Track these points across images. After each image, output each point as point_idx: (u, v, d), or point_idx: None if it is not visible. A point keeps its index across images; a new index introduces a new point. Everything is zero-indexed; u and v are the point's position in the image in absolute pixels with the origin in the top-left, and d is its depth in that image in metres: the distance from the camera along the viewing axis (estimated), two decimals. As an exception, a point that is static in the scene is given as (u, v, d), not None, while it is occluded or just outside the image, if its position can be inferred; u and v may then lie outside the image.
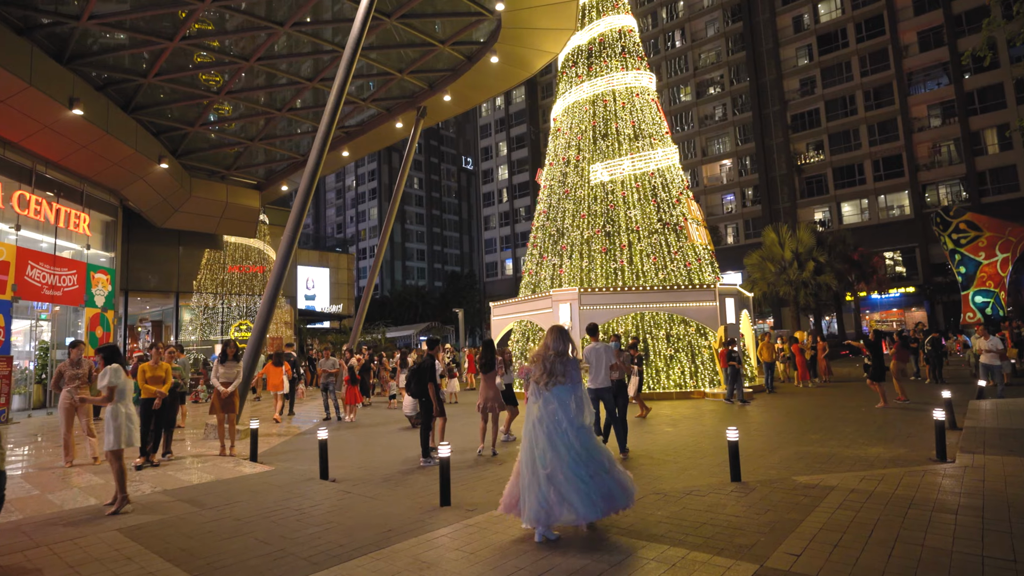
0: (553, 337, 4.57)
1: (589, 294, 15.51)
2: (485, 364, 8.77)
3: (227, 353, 8.07)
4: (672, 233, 16.81)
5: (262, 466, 7.31)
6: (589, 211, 17.23)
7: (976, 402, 10.25)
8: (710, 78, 55.30)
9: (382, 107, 19.18)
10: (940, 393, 8.67)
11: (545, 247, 18.00)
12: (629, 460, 7.22)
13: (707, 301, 15.45)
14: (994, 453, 6.26)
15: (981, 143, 40.37)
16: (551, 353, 4.45)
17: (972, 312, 23.76)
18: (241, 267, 29.75)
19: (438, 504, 5.24)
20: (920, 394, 13.41)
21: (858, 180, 45.06)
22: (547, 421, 4.30)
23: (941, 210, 24.82)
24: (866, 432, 8.66)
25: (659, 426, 10.08)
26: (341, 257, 38.56)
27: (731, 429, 5.77)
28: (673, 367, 15.36)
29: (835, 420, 9.97)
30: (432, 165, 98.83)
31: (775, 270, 26.19)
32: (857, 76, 45.39)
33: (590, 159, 17.79)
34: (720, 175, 54.52)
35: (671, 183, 17.57)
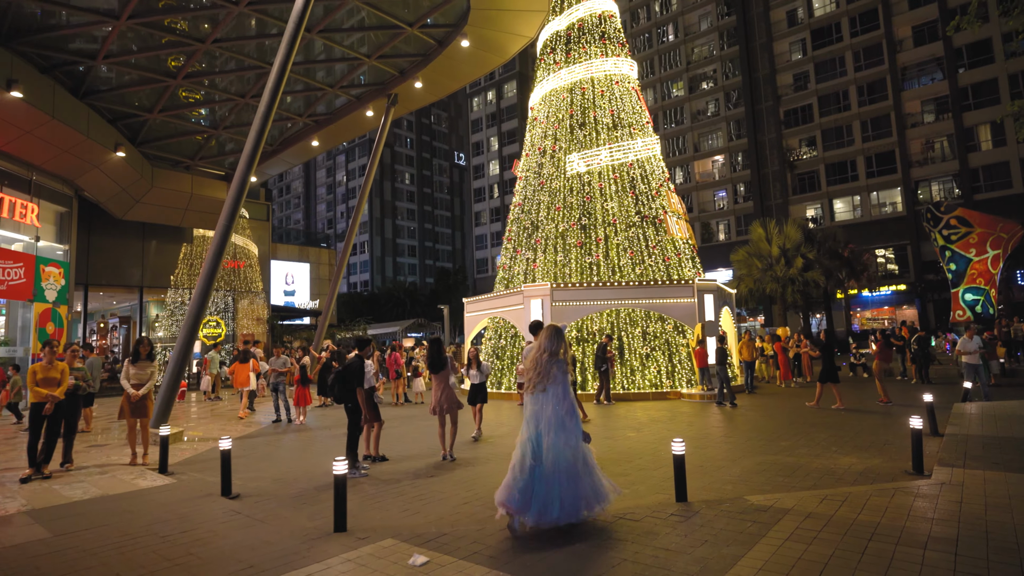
0: (547, 337, 4.57)
1: (562, 290, 14.79)
2: (433, 363, 8.04)
3: (139, 352, 7.31)
4: (651, 227, 16.10)
5: (165, 478, 6.57)
6: (565, 203, 16.50)
7: (961, 405, 9.60)
8: (703, 73, 54.62)
9: (351, 94, 18.38)
10: (924, 396, 8.00)
11: (519, 241, 17.28)
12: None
13: (685, 297, 14.76)
14: (975, 466, 5.58)
15: (975, 139, 39.86)
16: (545, 355, 4.46)
17: (962, 310, 23.12)
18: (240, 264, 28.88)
19: (332, 530, 4.51)
20: (905, 395, 12.76)
21: (851, 176, 44.51)
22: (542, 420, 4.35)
23: (932, 206, 24.19)
24: (840, 439, 7.98)
25: (622, 430, 9.38)
26: (323, 252, 37.69)
27: (677, 441, 5.06)
28: (649, 366, 14.67)
29: (810, 424, 9.29)
30: (424, 160, 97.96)
31: (761, 266, 25.52)
32: (851, 71, 44.79)
33: (567, 149, 17.06)
34: (712, 171, 53.91)
35: (651, 174, 16.86)
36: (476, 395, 9.99)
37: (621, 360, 14.74)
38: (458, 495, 5.64)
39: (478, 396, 9.99)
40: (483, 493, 5.68)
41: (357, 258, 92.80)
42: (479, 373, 10.32)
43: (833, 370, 11.48)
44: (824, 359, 11.69)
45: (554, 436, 4.30)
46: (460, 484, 6.11)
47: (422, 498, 5.57)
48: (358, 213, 17.72)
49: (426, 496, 5.65)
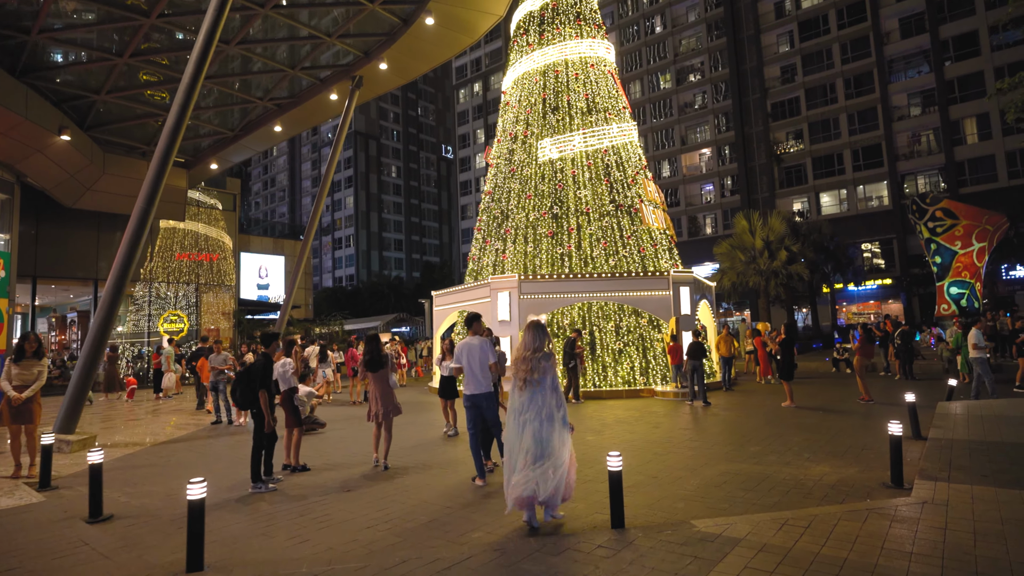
0: (531, 334, 4.65)
1: (530, 282, 14.00)
2: (369, 362, 7.22)
3: (24, 349, 6.42)
4: (626, 216, 15.34)
5: (38, 495, 5.70)
6: (536, 191, 15.69)
7: (945, 405, 8.93)
8: (690, 65, 53.99)
9: (315, 77, 17.42)
10: (907, 395, 7.30)
11: (489, 231, 16.45)
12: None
13: (660, 290, 14.02)
14: (961, 480, 4.86)
15: (960, 132, 39.57)
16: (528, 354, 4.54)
17: (947, 304, 22.61)
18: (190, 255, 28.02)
19: (184, 569, 3.69)
20: (887, 393, 12.11)
21: (837, 170, 44.13)
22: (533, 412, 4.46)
23: (917, 197, 23.65)
24: (815, 443, 7.26)
25: (581, 433, 8.61)
26: (297, 245, 36.56)
27: (613, 455, 4.27)
28: (622, 362, 13.93)
29: (786, 426, 8.58)
30: (411, 153, 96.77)
31: (745, 259, 24.87)
32: (838, 63, 44.35)
33: (539, 134, 16.23)
34: (699, 164, 53.35)
35: (626, 161, 16.07)
36: (447, 389, 9.21)
37: (593, 356, 13.99)
38: (366, 516, 4.84)
39: (448, 390, 9.22)
40: (397, 513, 4.89)
41: (343, 252, 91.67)
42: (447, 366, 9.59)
43: (790, 367, 10.87)
44: (783, 355, 11.06)
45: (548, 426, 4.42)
46: (376, 502, 5.31)
47: (323, 520, 4.76)
48: (320, 199, 16.78)
49: (329, 518, 4.84)
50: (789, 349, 11.12)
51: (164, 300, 27.79)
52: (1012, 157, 37.18)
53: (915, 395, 7.40)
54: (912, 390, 12.25)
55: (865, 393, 11.05)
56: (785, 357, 11.03)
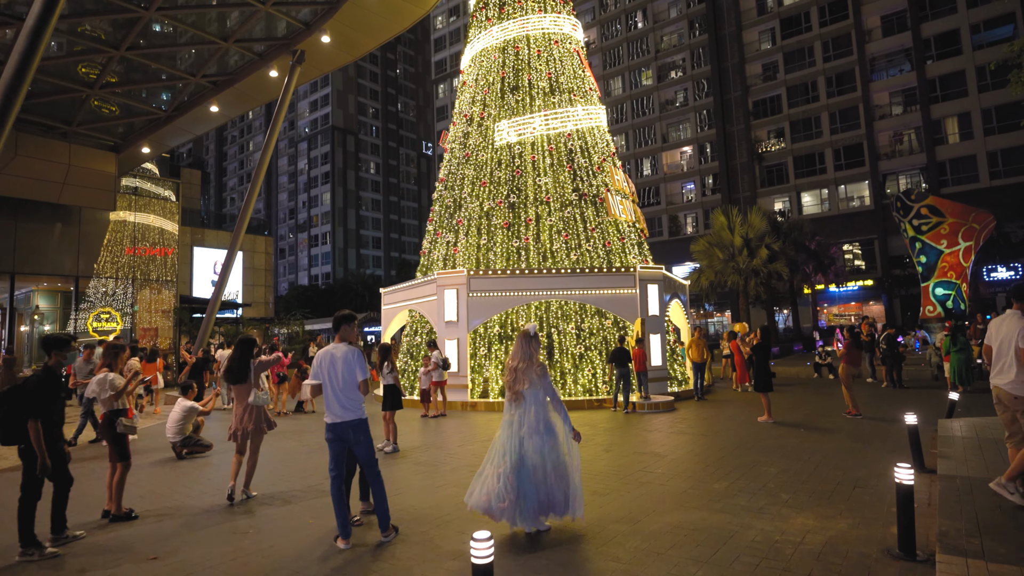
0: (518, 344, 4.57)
1: (481, 277, 12.46)
2: (232, 372, 5.66)
3: None
4: (590, 206, 13.88)
5: None
6: (491, 178, 14.17)
7: (946, 423, 7.58)
8: (672, 61, 53.06)
9: (252, 51, 15.72)
10: (901, 412, 5.90)
11: (441, 222, 14.90)
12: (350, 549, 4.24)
13: (625, 288, 12.58)
14: (1001, 555, 3.42)
15: (942, 132, 39.01)
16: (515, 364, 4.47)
17: (932, 305, 21.57)
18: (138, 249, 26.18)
19: None
20: (877, 404, 10.79)
21: (819, 169, 43.43)
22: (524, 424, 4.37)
23: (902, 194, 22.60)
24: (797, 476, 5.83)
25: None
26: (258, 240, 34.62)
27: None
28: (583, 368, 12.46)
29: (761, 450, 7.15)
30: (390, 150, 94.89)
31: (723, 257, 23.60)
32: (820, 61, 43.68)
33: (496, 116, 14.71)
34: (680, 162, 52.42)
35: (592, 147, 14.63)
36: (388, 399, 8.04)
37: (550, 362, 12.50)
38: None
39: (390, 400, 8.02)
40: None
41: (319, 249, 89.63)
42: (392, 373, 8.21)
43: (767, 377, 9.48)
44: (758, 362, 9.68)
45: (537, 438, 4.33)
46: (186, 568, 3.75)
47: None
48: (256, 183, 15.03)
49: None
50: (764, 356, 9.72)
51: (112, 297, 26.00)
52: (993, 157, 36.64)
53: (911, 410, 6.02)
54: (904, 402, 10.91)
55: (852, 407, 9.71)
56: (760, 365, 9.64)
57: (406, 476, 6.46)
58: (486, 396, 12.46)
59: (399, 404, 8.20)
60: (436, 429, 9.85)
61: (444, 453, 7.75)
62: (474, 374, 12.60)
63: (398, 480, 6.24)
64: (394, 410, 8.12)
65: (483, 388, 12.53)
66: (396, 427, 8.18)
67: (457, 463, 7.08)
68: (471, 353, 12.68)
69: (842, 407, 10.19)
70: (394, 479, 6.26)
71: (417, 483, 6.14)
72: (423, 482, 6.17)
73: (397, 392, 8.22)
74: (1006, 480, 4.30)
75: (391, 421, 8.10)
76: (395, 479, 6.26)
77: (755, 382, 9.74)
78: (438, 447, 8.26)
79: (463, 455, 7.53)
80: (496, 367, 12.52)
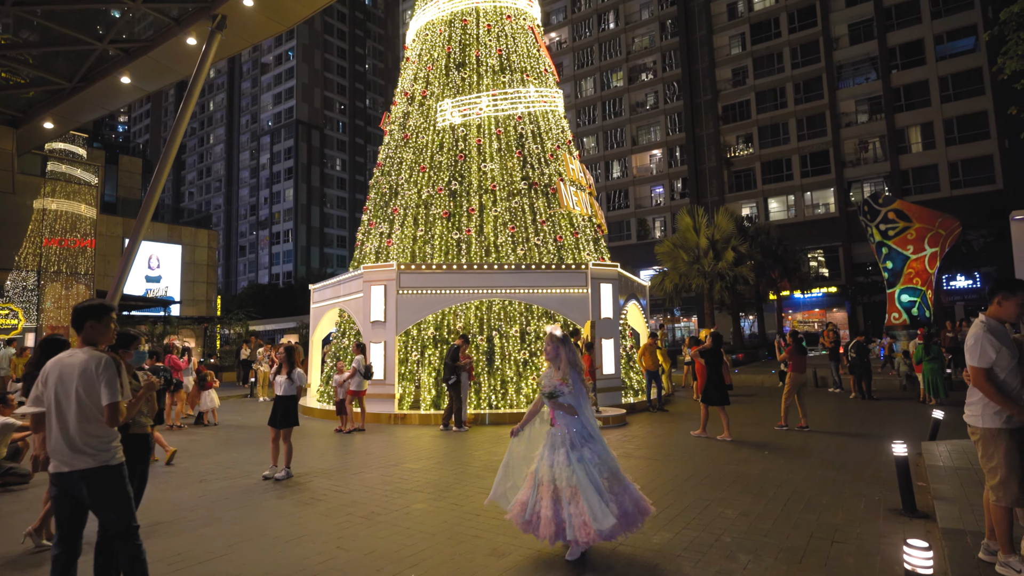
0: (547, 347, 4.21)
1: (413, 272, 10.99)
2: (28, 379, 4.08)
3: None
4: (541, 197, 12.55)
5: None
6: (432, 162, 12.71)
7: (931, 448, 6.45)
8: (643, 64, 52.64)
9: (163, 13, 13.94)
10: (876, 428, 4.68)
11: (376, 211, 13.38)
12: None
13: (576, 287, 11.28)
14: None
15: (905, 141, 39.29)
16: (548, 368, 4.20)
17: (898, 312, 20.95)
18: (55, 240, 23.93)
19: None
20: (847, 419, 9.70)
21: (786, 175, 43.38)
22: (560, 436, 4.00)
23: (869, 198, 22.02)
24: (761, 521, 4.54)
25: (409, 494, 5.66)
26: (200, 233, 32.31)
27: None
28: (528, 376, 11.09)
29: (717, 481, 5.88)
30: (357, 147, 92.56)
31: (688, 259, 22.61)
32: (788, 68, 43.70)
33: (439, 95, 13.27)
34: (650, 165, 51.93)
35: (546, 133, 13.33)
36: (280, 414, 6.61)
37: (490, 369, 11.09)
38: None
39: (282, 415, 6.61)
40: None
41: (280, 247, 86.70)
42: (289, 381, 6.68)
43: (720, 388, 8.38)
44: (708, 373, 8.54)
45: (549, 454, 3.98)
46: None
47: None
48: (165, 162, 13.18)
49: None
50: (716, 364, 8.53)
51: (33, 292, 23.73)
52: (955, 167, 36.95)
53: (886, 427, 4.82)
54: (877, 416, 9.43)
55: (783, 419, 8.81)
56: (711, 376, 8.47)
57: (267, 518, 4.94)
58: (417, 407, 10.98)
59: (294, 420, 6.68)
60: (348, 447, 8.33)
61: (345, 480, 6.26)
62: (405, 382, 11.11)
63: (248, 527, 4.72)
64: (287, 427, 6.60)
65: (414, 398, 11.04)
66: (291, 448, 6.65)
67: (357, 495, 5.60)
68: (401, 359, 11.19)
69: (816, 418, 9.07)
70: (243, 523, 4.75)
71: (280, 529, 4.64)
72: (291, 526, 4.67)
73: (292, 405, 6.70)
74: (1004, 555, 3.15)
75: (282, 441, 6.58)
76: (246, 523, 4.75)
77: (704, 394, 8.57)
78: (343, 471, 6.75)
79: (369, 483, 6.05)
80: (429, 374, 11.05)
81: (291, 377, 6.70)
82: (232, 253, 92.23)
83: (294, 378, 6.71)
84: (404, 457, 7.47)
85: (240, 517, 5.00)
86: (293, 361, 6.85)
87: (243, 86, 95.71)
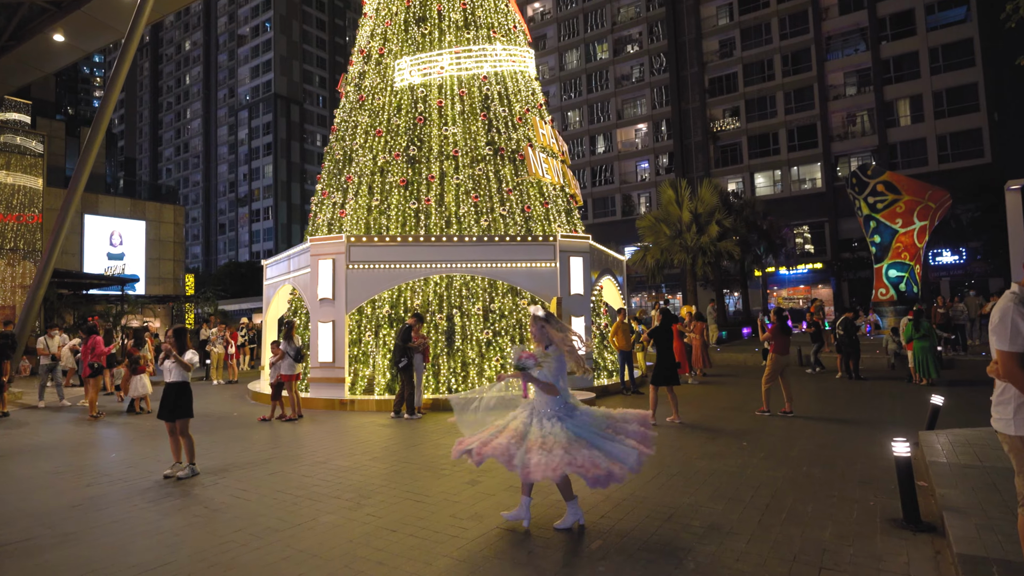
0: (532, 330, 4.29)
1: (364, 245, 9.99)
2: None
3: None
4: (508, 163, 11.54)
5: None
6: (388, 126, 11.61)
7: (930, 438, 5.68)
8: (628, 35, 51.14)
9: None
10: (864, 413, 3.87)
11: (330, 180, 12.28)
12: None
13: (543, 260, 10.36)
14: None
15: (894, 114, 38.53)
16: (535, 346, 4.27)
17: (885, 288, 20.38)
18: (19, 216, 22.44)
19: None
20: (834, 402, 8.97)
21: (772, 150, 42.56)
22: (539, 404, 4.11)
23: (858, 170, 21.23)
24: (736, 536, 3.73)
25: (328, 504, 4.79)
26: (165, 209, 30.79)
27: None
28: (491, 358, 10.22)
29: (687, 480, 5.08)
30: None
31: (670, 233, 21.74)
32: (776, 39, 42.55)
33: (398, 52, 12.11)
34: (635, 140, 50.81)
35: (514, 95, 12.25)
36: (168, 403, 5.76)
37: (450, 350, 10.20)
38: None
39: (173, 405, 5.76)
40: None
41: (260, 225, 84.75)
42: (177, 366, 5.73)
43: (670, 368, 7.72)
44: (658, 349, 7.85)
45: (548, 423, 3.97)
46: None
47: None
48: (100, 121, 11.93)
49: None
50: (666, 344, 7.75)
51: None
52: (943, 141, 36.34)
53: (876, 410, 4.01)
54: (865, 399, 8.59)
55: (765, 404, 8.05)
56: (661, 356, 7.73)
57: (136, 535, 4.02)
58: (371, 392, 10.09)
59: (187, 410, 5.73)
60: (279, 440, 7.42)
61: (257, 481, 5.35)
62: (358, 364, 10.19)
63: (108, 548, 3.80)
64: (181, 419, 5.67)
65: (368, 382, 10.14)
66: (192, 440, 5.73)
67: (262, 502, 4.69)
68: (353, 339, 10.25)
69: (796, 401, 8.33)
70: (104, 543, 3.83)
71: (146, 551, 3.74)
72: (160, 547, 3.75)
73: (184, 393, 5.75)
74: None
75: (180, 434, 5.66)
76: (107, 542, 3.83)
77: (655, 371, 7.85)
78: (260, 468, 5.85)
79: (283, 485, 5.14)
80: (384, 356, 10.14)
81: (179, 361, 5.75)
82: (212, 231, 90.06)
83: (184, 363, 5.76)
84: (337, 451, 6.59)
85: (106, 534, 4.09)
86: (184, 343, 5.90)
87: (220, 59, 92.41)
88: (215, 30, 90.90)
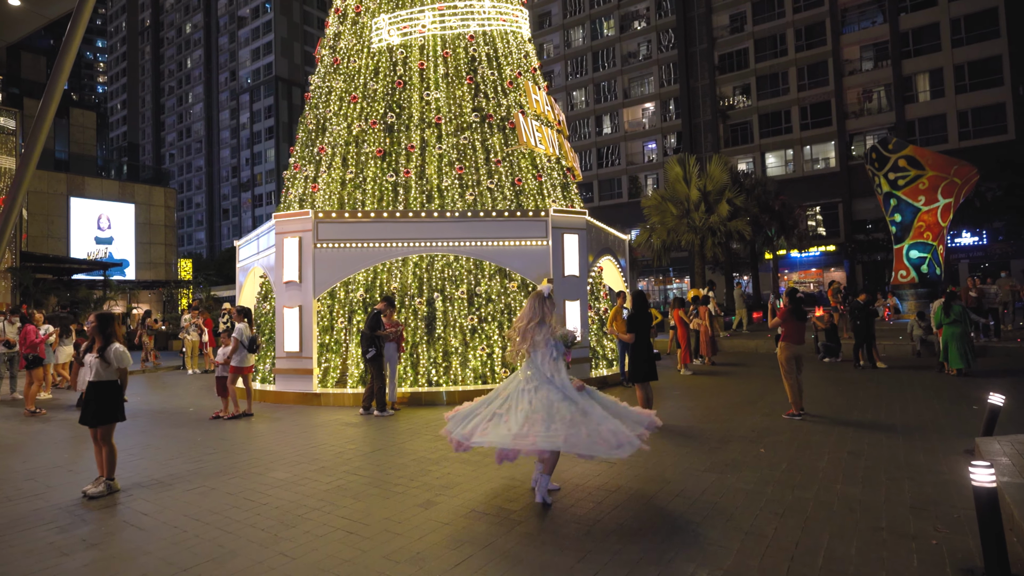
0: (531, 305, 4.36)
1: (333, 222, 8.98)
2: None
3: None
4: (497, 132, 10.45)
5: None
6: (364, 91, 10.52)
7: (991, 447, 4.64)
8: (635, 10, 49.36)
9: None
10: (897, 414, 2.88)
11: (302, 152, 11.24)
12: None
13: (534, 238, 9.32)
14: None
15: (912, 89, 36.80)
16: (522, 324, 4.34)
17: (906, 270, 19.12)
18: None
19: None
20: (859, 398, 7.92)
21: (784, 128, 40.99)
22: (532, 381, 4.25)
23: (878, 143, 19.86)
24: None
25: (266, 532, 3.84)
26: (155, 191, 29.85)
27: None
28: (475, 346, 9.23)
29: (686, 506, 4.09)
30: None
31: (677, 213, 20.53)
32: (789, 12, 40.79)
33: (375, 10, 10.97)
34: (642, 120, 49.29)
35: (504, 57, 11.10)
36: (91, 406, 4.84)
37: (430, 338, 9.22)
38: None
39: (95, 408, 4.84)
40: None
41: (264, 210, 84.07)
42: (101, 361, 4.73)
43: (648, 361, 6.60)
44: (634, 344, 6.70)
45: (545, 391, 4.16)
46: None
47: None
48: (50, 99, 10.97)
49: None
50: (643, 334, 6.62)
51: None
52: (964, 117, 34.69)
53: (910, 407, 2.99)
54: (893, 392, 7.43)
55: (794, 405, 6.81)
56: (638, 341, 6.57)
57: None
58: (344, 384, 9.15)
59: (112, 414, 4.76)
60: (223, 442, 6.48)
61: (170, 502, 4.41)
62: (330, 354, 9.24)
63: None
64: (104, 425, 4.72)
65: (340, 373, 9.19)
66: (113, 451, 4.78)
67: (156, 537, 3.75)
68: (325, 326, 9.29)
69: (812, 398, 7.30)
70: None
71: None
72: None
73: (110, 394, 4.77)
74: None
75: (102, 441, 4.71)
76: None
77: (630, 367, 6.79)
78: (181, 483, 4.91)
79: (197, 510, 4.20)
80: (358, 344, 9.18)
81: (104, 356, 4.76)
82: (215, 216, 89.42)
83: (109, 358, 4.75)
84: (281, 458, 5.64)
85: None
86: (109, 334, 4.88)
87: (220, 41, 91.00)
88: (215, 12, 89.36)
